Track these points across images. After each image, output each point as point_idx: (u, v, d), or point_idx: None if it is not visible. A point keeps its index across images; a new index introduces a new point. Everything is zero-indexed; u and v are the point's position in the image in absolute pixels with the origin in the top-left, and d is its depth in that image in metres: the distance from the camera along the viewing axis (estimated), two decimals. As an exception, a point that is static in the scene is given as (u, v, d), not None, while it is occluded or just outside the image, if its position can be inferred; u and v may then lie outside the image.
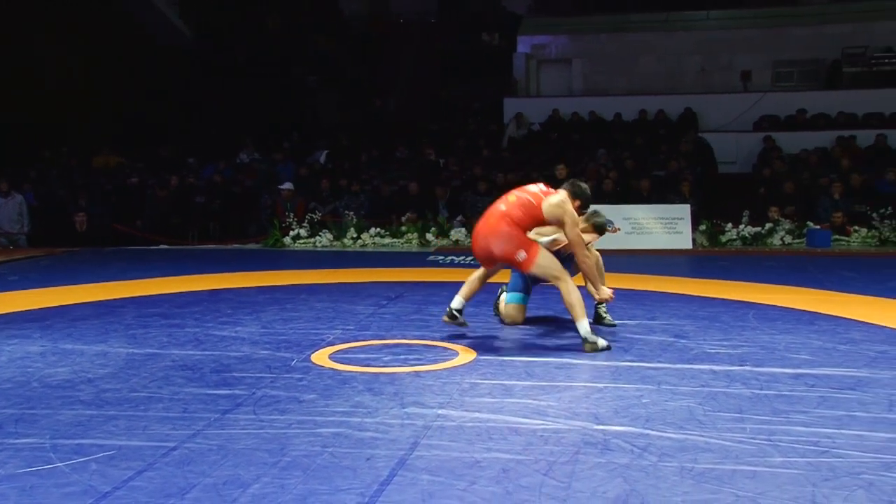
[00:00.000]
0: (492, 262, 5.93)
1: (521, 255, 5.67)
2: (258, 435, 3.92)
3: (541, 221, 5.83)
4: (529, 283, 6.65)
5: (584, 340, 5.64)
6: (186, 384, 4.84)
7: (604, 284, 6.39)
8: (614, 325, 6.56)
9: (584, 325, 5.67)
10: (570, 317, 6.73)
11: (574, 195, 5.92)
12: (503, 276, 6.67)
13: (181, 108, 20.02)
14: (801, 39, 19.90)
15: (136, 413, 4.29)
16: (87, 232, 13.81)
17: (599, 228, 6.55)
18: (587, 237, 6.25)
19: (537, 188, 5.92)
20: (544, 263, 5.72)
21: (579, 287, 5.91)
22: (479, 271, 6.08)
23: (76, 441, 3.86)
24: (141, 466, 3.52)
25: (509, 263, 5.86)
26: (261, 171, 16.60)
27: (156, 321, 6.85)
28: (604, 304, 6.62)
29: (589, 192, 6.08)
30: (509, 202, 5.83)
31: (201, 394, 4.63)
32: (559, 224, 5.81)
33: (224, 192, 15.67)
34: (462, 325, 6.01)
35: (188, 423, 4.11)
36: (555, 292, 7.34)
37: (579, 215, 6.02)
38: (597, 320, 6.61)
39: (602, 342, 5.63)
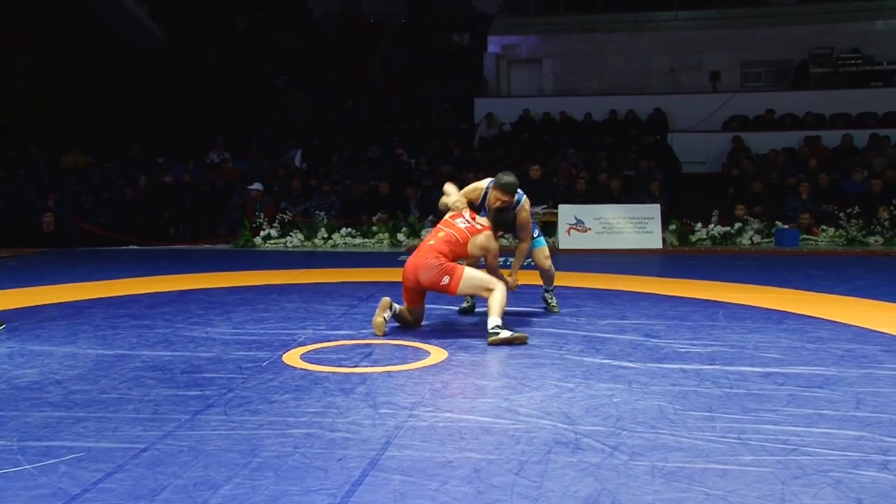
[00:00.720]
0: (418, 295, 6.29)
1: (445, 279, 5.95)
2: (229, 436, 3.90)
3: (466, 255, 6.23)
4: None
5: (489, 332, 5.83)
6: (157, 385, 4.81)
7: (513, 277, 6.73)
8: (557, 312, 7.08)
9: (493, 320, 5.86)
10: (546, 317, 6.77)
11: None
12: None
13: (150, 108, 19.85)
14: (769, 40, 20.10)
15: (105, 414, 4.25)
16: (54, 232, 13.65)
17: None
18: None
19: (464, 223, 6.28)
20: (471, 282, 6.00)
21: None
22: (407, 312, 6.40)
23: (45, 443, 3.82)
24: (111, 468, 3.49)
25: (437, 290, 6.09)
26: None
27: (125, 322, 6.79)
28: (551, 291, 7.18)
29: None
30: (437, 237, 6.20)
31: (172, 395, 4.60)
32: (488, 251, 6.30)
33: (194, 191, 15.55)
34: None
35: (158, 424, 4.08)
36: (524, 293, 7.37)
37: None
38: (547, 308, 7.17)
39: (506, 333, 5.80)
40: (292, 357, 5.50)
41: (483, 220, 6.37)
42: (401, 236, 13.42)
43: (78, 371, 5.16)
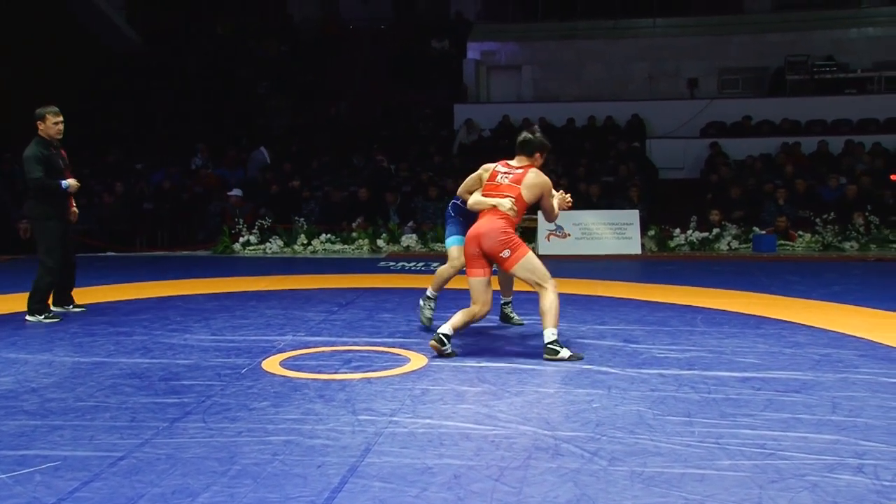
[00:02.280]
0: (484, 260, 5.75)
1: (506, 252, 5.65)
2: (208, 443, 3.88)
3: (527, 207, 5.91)
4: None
5: (547, 347, 5.58)
6: (134, 393, 4.77)
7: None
8: (522, 324, 6.85)
9: (550, 332, 5.59)
10: (518, 325, 6.77)
11: (541, 150, 6.01)
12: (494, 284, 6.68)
13: (129, 114, 19.73)
14: (746, 47, 20.27)
15: (82, 423, 4.21)
16: (30, 239, 13.51)
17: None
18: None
19: (505, 176, 5.91)
20: (527, 268, 5.69)
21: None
22: (468, 309, 5.84)
23: (20, 452, 3.78)
24: (87, 477, 3.46)
25: (495, 260, 5.74)
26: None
27: (103, 329, 6.74)
28: (510, 304, 6.89)
29: (541, 136, 6.07)
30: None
31: (149, 402, 4.57)
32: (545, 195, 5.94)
33: (173, 198, 15.47)
34: (449, 354, 5.70)
35: (136, 432, 4.05)
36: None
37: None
38: (504, 319, 6.90)
39: (565, 352, 5.57)
40: (271, 364, 5.48)
41: (517, 161, 6.03)
42: (380, 242, 13.41)
43: (54, 379, 5.12)
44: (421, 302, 6.70)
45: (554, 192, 6.08)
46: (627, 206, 13.79)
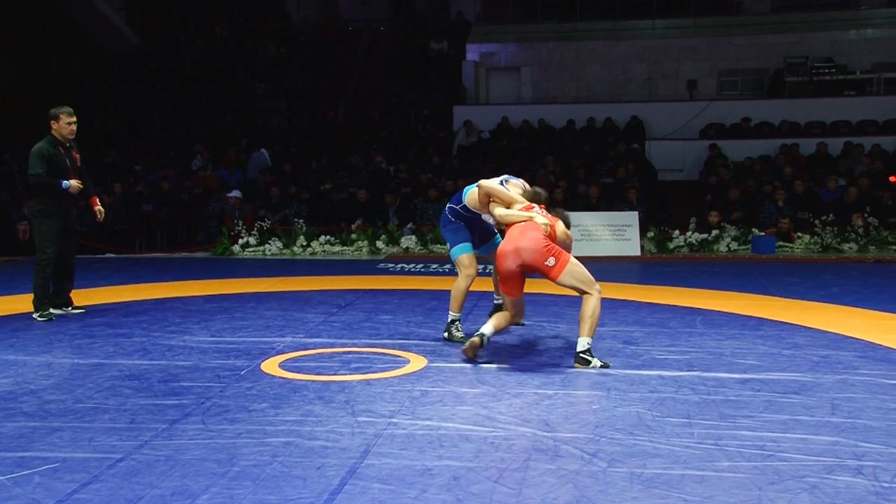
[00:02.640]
0: (519, 279, 5.66)
1: (551, 261, 5.54)
2: (207, 445, 3.88)
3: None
4: (476, 238, 6.43)
5: (579, 356, 5.47)
6: (133, 394, 4.77)
7: None
8: (523, 324, 6.75)
9: (584, 341, 5.48)
10: (525, 324, 6.76)
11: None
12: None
13: (127, 115, 19.73)
14: (745, 49, 20.28)
15: (81, 424, 4.21)
16: (29, 240, 13.51)
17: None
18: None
19: (541, 214, 5.87)
20: (575, 273, 5.61)
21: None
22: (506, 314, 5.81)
23: (18, 454, 3.78)
24: (86, 479, 3.46)
25: (539, 270, 5.59)
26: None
27: (102, 331, 6.74)
28: (457, 323, 6.35)
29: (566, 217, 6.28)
30: (534, 221, 5.77)
31: (149, 404, 4.57)
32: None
33: (172, 199, 15.46)
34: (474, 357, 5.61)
35: (135, 433, 4.05)
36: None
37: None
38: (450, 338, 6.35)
39: (597, 362, 5.45)
40: (271, 365, 5.48)
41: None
42: (380, 244, 13.40)
43: (53, 380, 5.12)
44: (445, 335, 6.34)
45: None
46: (626, 207, 13.80)
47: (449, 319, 6.34)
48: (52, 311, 7.44)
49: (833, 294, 8.60)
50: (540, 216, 5.78)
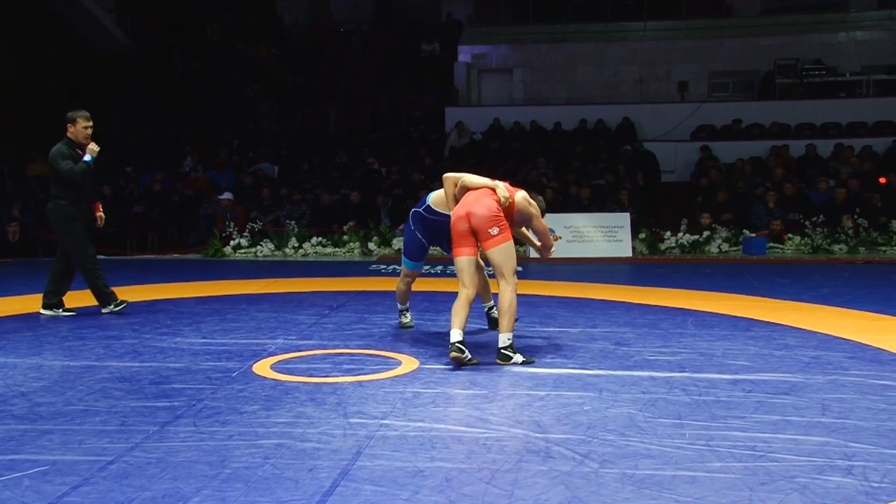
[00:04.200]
0: (467, 238, 5.65)
1: (495, 230, 5.54)
2: (198, 447, 3.87)
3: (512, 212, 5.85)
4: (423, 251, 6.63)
5: (500, 352, 5.52)
6: (124, 397, 4.76)
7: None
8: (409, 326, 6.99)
9: (504, 337, 5.52)
10: (516, 325, 6.76)
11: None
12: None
13: (117, 117, 19.68)
14: (735, 51, 20.36)
15: (71, 427, 4.19)
16: (19, 242, 13.47)
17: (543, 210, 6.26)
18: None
19: (503, 196, 5.79)
20: (504, 254, 5.56)
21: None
22: (461, 298, 5.64)
23: (8, 457, 3.76)
24: (76, 481, 3.45)
25: (480, 236, 5.60)
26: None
27: (92, 333, 6.72)
28: (494, 308, 6.59)
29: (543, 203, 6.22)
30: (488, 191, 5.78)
31: (140, 406, 4.55)
32: (528, 216, 5.95)
33: (163, 201, 15.43)
34: (471, 361, 5.52)
35: (126, 436, 4.04)
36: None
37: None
38: (493, 325, 6.56)
39: (519, 357, 5.51)
40: (262, 367, 5.47)
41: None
42: (372, 245, 13.40)
43: (43, 383, 5.10)
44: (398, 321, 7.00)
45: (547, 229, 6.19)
46: (618, 209, 13.83)
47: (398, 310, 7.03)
48: (42, 312, 7.48)
49: (823, 295, 8.63)
50: (502, 188, 5.77)
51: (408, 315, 7.01)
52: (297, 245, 13.54)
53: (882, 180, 14.79)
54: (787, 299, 8.39)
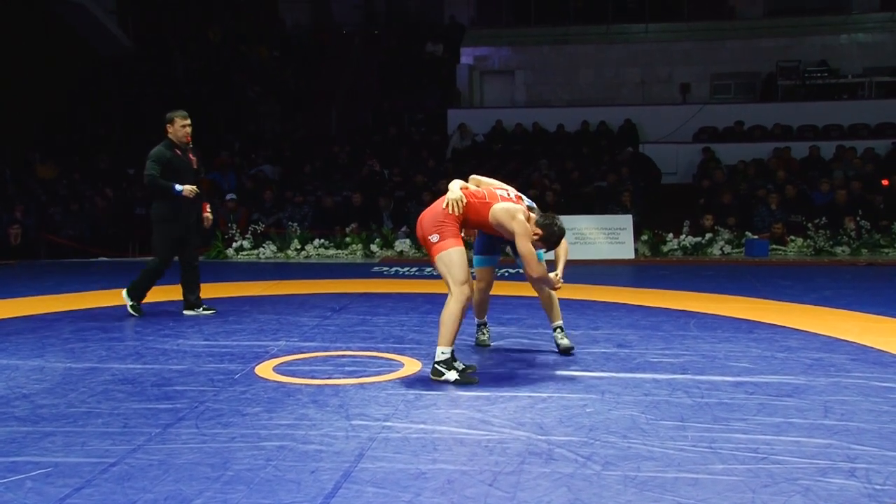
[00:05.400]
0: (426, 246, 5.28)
1: (435, 237, 5.13)
2: (200, 449, 3.87)
3: (482, 224, 5.33)
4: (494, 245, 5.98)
5: (433, 366, 5.14)
6: (127, 399, 4.76)
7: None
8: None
9: (438, 351, 5.10)
10: (518, 327, 6.76)
11: (538, 224, 5.31)
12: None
13: (119, 119, 19.69)
14: (737, 53, 20.35)
15: (73, 429, 4.20)
16: (21, 244, 13.48)
17: (548, 235, 5.36)
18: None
19: (505, 193, 5.41)
20: (446, 262, 5.10)
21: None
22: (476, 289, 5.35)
23: (10, 459, 3.76)
24: (79, 483, 3.45)
25: (422, 243, 5.28)
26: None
27: (94, 335, 6.72)
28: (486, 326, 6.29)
29: (556, 231, 5.35)
30: (468, 190, 5.35)
31: (142, 408, 4.55)
32: (508, 233, 5.24)
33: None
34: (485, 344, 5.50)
35: (128, 438, 4.04)
36: (499, 303, 7.38)
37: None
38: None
39: (452, 374, 5.07)
40: (265, 369, 5.47)
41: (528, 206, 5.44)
42: (374, 247, 13.40)
43: (45, 385, 5.10)
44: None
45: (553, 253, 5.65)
46: (620, 210, 13.82)
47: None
48: (185, 312, 7.67)
49: (826, 297, 8.62)
50: (457, 192, 5.27)
51: (486, 332, 6.30)
52: (299, 247, 13.54)
53: (885, 182, 14.78)
54: (790, 301, 8.38)
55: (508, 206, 5.27)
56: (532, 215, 5.37)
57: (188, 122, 7.62)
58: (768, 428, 4.15)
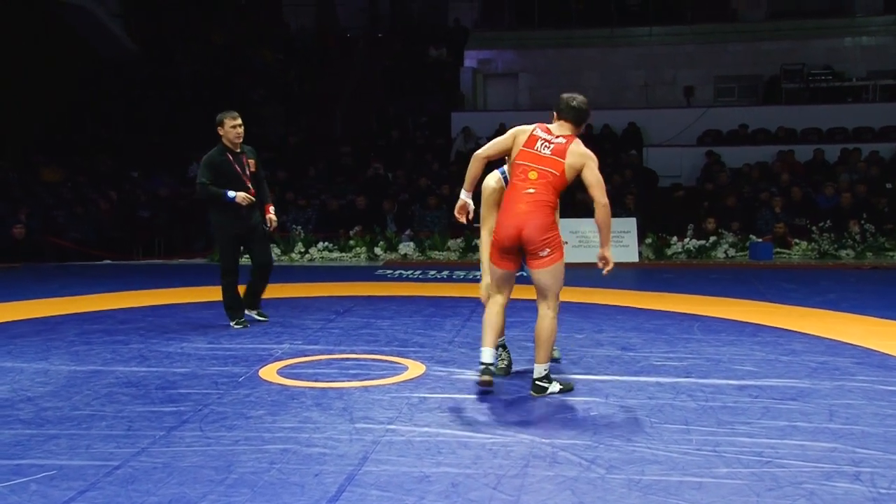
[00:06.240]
0: (515, 258, 4.99)
1: (545, 252, 4.86)
2: (204, 452, 3.87)
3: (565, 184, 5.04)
4: None
5: (535, 383, 4.92)
6: (131, 401, 4.76)
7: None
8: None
9: (542, 368, 4.92)
10: (521, 329, 6.75)
11: (587, 123, 5.19)
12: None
13: (123, 121, 19.72)
14: (741, 56, 20.33)
15: (78, 432, 4.20)
16: (25, 246, 13.47)
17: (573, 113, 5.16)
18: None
19: (545, 145, 5.04)
20: (556, 278, 4.96)
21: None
22: (494, 307, 5.08)
23: (15, 462, 3.77)
24: (83, 486, 3.45)
25: (529, 255, 4.91)
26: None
27: (99, 338, 6.73)
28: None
29: (576, 104, 5.15)
30: (532, 181, 4.96)
31: (146, 411, 4.56)
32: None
33: (169, 205, 15.46)
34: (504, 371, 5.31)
35: (132, 441, 4.04)
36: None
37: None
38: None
39: (555, 387, 4.92)
40: (269, 372, 5.47)
41: (559, 127, 5.16)
42: (378, 250, 13.41)
43: (50, 388, 5.11)
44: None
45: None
46: (624, 213, 13.80)
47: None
48: (246, 312, 7.36)
49: (830, 300, 8.60)
50: (542, 145, 5.07)
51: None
52: (303, 250, 13.55)
53: (890, 185, 14.74)
54: (794, 304, 8.36)
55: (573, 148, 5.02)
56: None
57: (238, 122, 7.26)
58: (773, 431, 4.14)
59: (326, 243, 13.67)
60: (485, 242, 5.36)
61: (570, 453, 3.83)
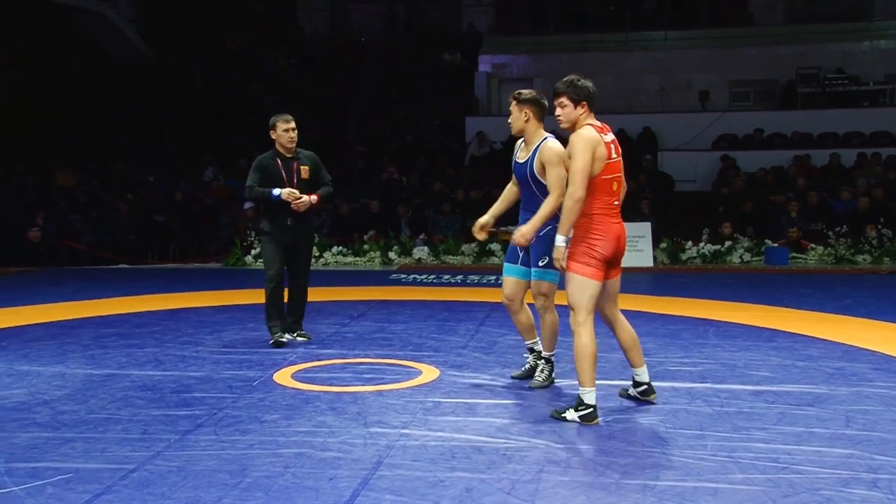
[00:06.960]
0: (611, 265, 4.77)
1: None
2: (219, 456, 3.88)
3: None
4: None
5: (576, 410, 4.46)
6: (146, 405, 4.78)
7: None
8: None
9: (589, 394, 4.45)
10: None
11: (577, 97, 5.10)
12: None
13: (137, 126, 19.83)
14: (757, 60, 20.26)
15: (94, 435, 4.22)
16: (42, 251, 13.55)
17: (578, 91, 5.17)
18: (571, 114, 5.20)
19: (616, 151, 5.06)
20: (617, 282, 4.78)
21: None
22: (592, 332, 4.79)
23: (31, 464, 3.79)
24: (98, 489, 3.47)
25: (617, 262, 4.82)
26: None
27: (114, 341, 6.76)
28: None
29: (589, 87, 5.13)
30: (616, 193, 4.89)
31: (161, 415, 4.57)
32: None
33: (184, 210, 15.52)
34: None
35: (148, 444, 4.06)
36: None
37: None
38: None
39: (571, 414, 4.43)
40: (283, 376, 5.48)
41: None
42: (392, 255, 13.42)
43: (66, 391, 5.13)
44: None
45: None
46: (639, 218, 13.76)
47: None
48: (283, 336, 6.62)
49: (847, 305, 8.55)
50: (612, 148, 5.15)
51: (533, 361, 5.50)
52: (317, 254, 13.56)
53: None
54: (811, 310, 8.31)
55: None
56: None
57: (291, 125, 6.81)
58: (789, 437, 4.12)
59: (340, 248, 13.69)
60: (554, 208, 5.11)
61: (585, 458, 3.82)
